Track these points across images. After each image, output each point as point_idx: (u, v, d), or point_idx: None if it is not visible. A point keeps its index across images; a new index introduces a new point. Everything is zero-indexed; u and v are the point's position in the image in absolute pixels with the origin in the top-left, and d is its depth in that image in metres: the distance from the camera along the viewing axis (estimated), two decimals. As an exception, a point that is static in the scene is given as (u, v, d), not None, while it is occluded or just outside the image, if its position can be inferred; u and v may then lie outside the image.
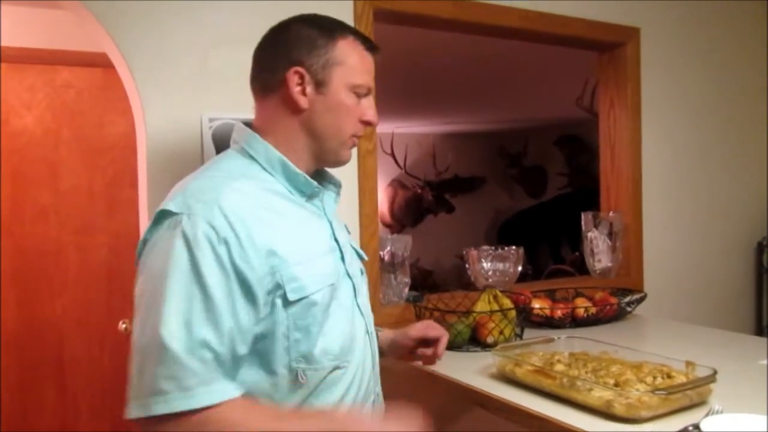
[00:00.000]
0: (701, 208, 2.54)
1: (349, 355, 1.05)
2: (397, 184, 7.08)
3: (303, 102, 1.04)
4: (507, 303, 1.68)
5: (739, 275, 2.68)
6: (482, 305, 1.69)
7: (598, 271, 2.28)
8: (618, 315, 1.93)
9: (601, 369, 1.28)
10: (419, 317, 1.70)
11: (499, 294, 1.71)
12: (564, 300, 2.01)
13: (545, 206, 6.63)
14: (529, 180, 7.20)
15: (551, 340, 1.50)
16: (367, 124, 1.11)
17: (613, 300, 1.94)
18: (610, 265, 2.27)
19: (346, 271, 1.10)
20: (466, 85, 4.21)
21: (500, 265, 2.02)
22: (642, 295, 2.01)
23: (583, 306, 1.87)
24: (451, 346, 1.62)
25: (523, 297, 1.83)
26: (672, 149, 2.45)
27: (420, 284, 6.31)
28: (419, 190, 6.86)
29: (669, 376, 1.20)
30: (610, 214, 2.31)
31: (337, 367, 1.02)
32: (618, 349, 1.41)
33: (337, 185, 1.17)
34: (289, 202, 1.04)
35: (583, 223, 2.29)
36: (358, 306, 1.11)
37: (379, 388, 1.18)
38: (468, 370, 1.45)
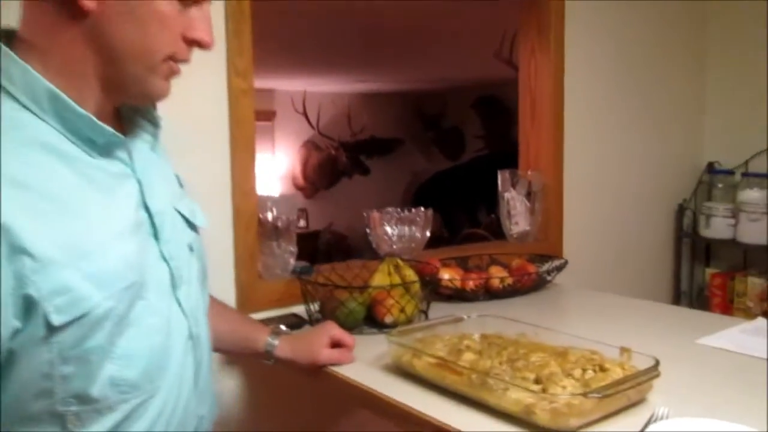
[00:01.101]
0: (624, 168, 2.36)
1: (158, 380, 0.75)
2: (310, 145, 6.73)
3: (89, 1, 0.68)
4: (410, 275, 1.41)
5: (660, 239, 2.54)
6: (380, 278, 1.41)
7: (515, 235, 2.05)
8: (537, 285, 1.71)
9: (519, 358, 1.03)
10: (306, 294, 1.40)
11: (402, 264, 1.43)
12: (477, 269, 1.76)
13: (462, 169, 6.47)
14: (447, 142, 7.03)
15: (460, 320, 1.24)
16: (195, 44, 0.77)
17: (532, 269, 1.72)
18: (528, 228, 2.05)
19: (161, 252, 0.78)
20: (379, 40, 3.89)
21: (406, 230, 1.75)
22: (562, 262, 1.79)
23: (498, 276, 1.63)
24: (343, 327, 1.34)
25: (430, 267, 1.57)
26: (596, 103, 2.23)
27: (334, 249, 6.05)
28: (333, 152, 6.56)
29: (602, 369, 0.96)
30: (529, 172, 2.08)
31: (134, 400, 0.71)
32: (538, 330, 1.16)
33: (154, 123, 0.84)
34: (62, 161, 0.70)
35: (499, 182, 2.05)
36: (179, 302, 0.80)
37: (206, 409, 0.88)
38: (358, 359, 1.16)
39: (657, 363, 0.93)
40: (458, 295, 1.59)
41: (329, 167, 6.56)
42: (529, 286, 1.68)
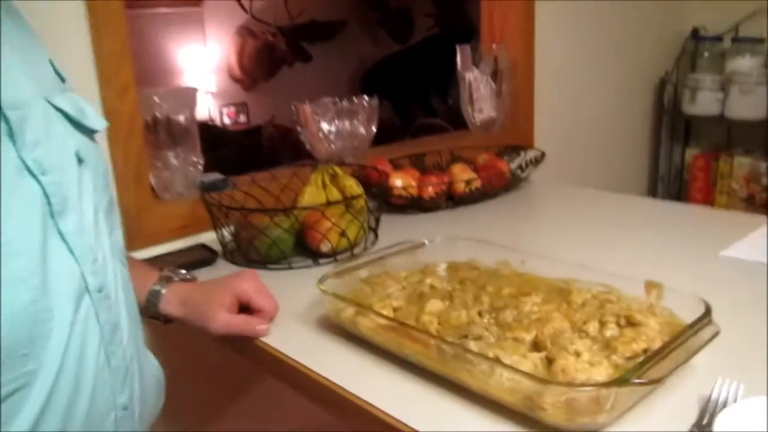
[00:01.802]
0: (600, 39, 2.00)
1: (33, 358, 0.54)
2: (245, 32, 6.07)
3: None
4: (351, 186, 1.07)
5: (637, 118, 2.25)
6: (312, 194, 1.07)
7: (479, 124, 1.71)
8: (509, 185, 1.40)
9: (506, 305, 0.73)
10: (215, 218, 1.05)
11: (340, 172, 1.09)
12: (437, 169, 1.44)
13: (412, 51, 5.98)
14: (394, 23, 6.49)
15: (420, 246, 0.92)
16: None
17: (503, 166, 1.40)
18: (493, 115, 1.71)
19: (22, 161, 0.54)
20: None
21: (347, 125, 1.39)
22: (538, 154, 1.48)
23: (463, 179, 1.30)
24: (266, 261, 1.02)
25: (378, 172, 1.23)
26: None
27: (280, 145, 5.62)
28: (270, 38, 5.95)
29: (629, 321, 0.66)
30: (494, 47, 1.71)
31: None
32: (525, 257, 0.86)
33: None
34: None
35: (459, 59, 1.67)
36: (62, 237, 0.57)
37: (128, 396, 0.64)
38: (284, 309, 0.84)
39: (708, 310, 0.64)
40: (415, 205, 1.27)
41: (267, 55, 5.95)
42: (501, 187, 1.37)
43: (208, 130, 4.83)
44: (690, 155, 2.32)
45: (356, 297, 0.78)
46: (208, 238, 1.12)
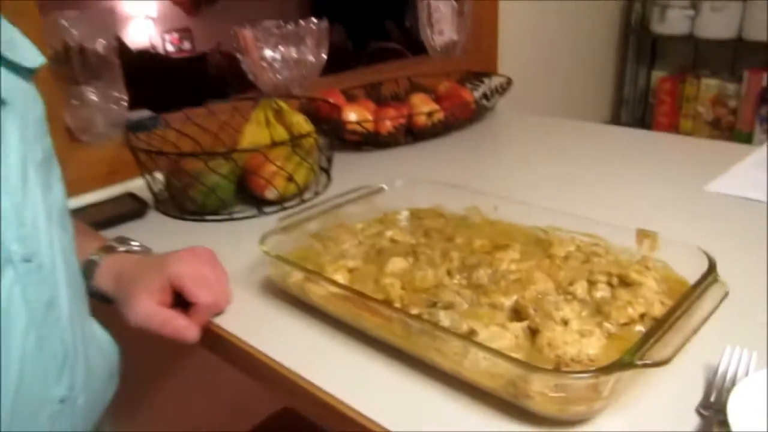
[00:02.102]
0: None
1: None
2: (184, -51, 5.64)
3: None
4: (299, 124, 0.94)
5: (603, 39, 2.13)
6: (253, 133, 0.93)
7: (439, 48, 1.57)
8: (474, 116, 1.29)
9: (479, 264, 0.63)
10: (142, 164, 0.91)
11: (285, 108, 0.96)
12: (395, 99, 1.31)
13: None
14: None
15: (378, 192, 0.81)
16: None
17: (467, 95, 1.28)
18: (455, 37, 1.57)
19: None
20: None
21: (293, 52, 1.24)
22: (504, 80, 1.36)
23: (424, 111, 1.18)
24: (203, 212, 0.89)
25: (328, 105, 1.10)
26: None
27: (229, 74, 5.33)
28: (213, -44, 5.53)
29: (622, 280, 0.57)
30: (454, -40, 1.56)
31: None
32: (498, 202, 0.75)
33: None
34: None
35: (416, -25, 1.52)
36: None
37: (67, 387, 0.54)
38: (225, 266, 0.73)
39: (713, 265, 0.55)
40: (372, 141, 1.15)
41: (210, -24, 5.57)
42: (465, 118, 1.26)
43: (148, 59, 4.53)
44: (656, 78, 2.23)
45: (306, 256, 0.68)
46: (140, 185, 0.98)
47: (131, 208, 0.91)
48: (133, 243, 0.71)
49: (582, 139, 1.20)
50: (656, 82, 2.21)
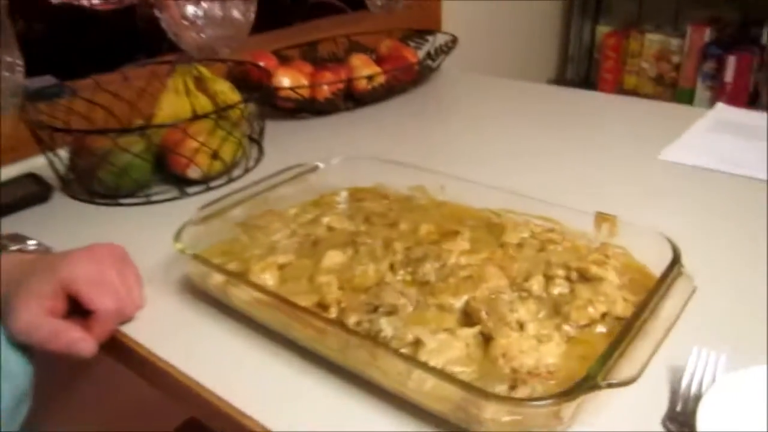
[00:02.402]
0: None
1: None
2: None
3: None
4: (223, 93, 0.84)
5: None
6: (172, 104, 0.83)
7: (379, 2, 1.47)
8: (417, 77, 1.21)
9: (426, 256, 0.56)
10: (41, 142, 0.80)
11: (207, 75, 0.86)
12: (332, 60, 1.21)
13: None
14: None
15: (313, 171, 0.73)
16: None
17: (410, 55, 1.19)
18: (396, -8, 1.47)
19: None
20: None
21: (218, 8, 1.12)
22: (449, 38, 1.27)
23: (364, 75, 1.09)
24: (115, 194, 0.79)
25: (259, 70, 1.00)
26: None
27: (159, 29, 5.04)
28: None
29: (581, 274, 0.52)
30: None
31: None
32: (445, 180, 0.69)
33: None
34: None
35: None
36: None
37: None
38: (137, 261, 0.64)
39: (677, 255, 0.50)
40: (308, 108, 1.06)
41: None
42: (408, 81, 1.18)
43: (68, 11, 4.22)
44: (600, 33, 2.19)
45: (230, 251, 0.60)
46: (44, 164, 0.87)
47: (32, 191, 0.80)
48: (29, 241, 0.62)
49: (530, 101, 1.14)
50: (601, 38, 2.17)
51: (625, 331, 0.42)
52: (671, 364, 0.47)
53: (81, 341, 0.50)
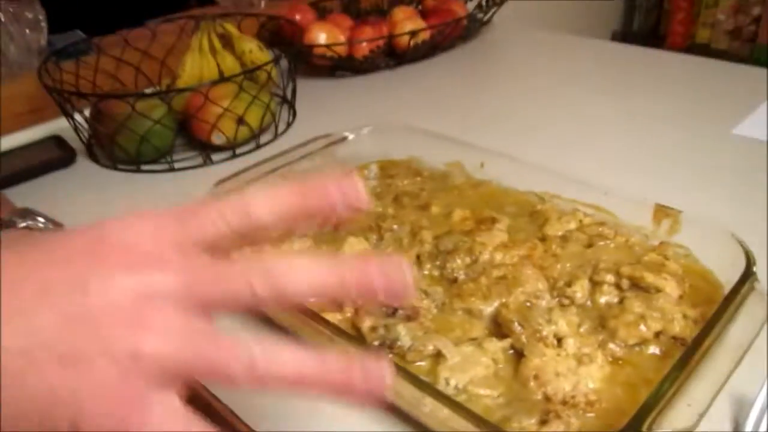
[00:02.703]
0: None
1: None
2: None
3: None
4: (251, 52, 0.79)
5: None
6: (196, 64, 0.78)
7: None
8: (466, 33, 1.12)
9: (457, 249, 0.50)
10: (60, 105, 0.76)
11: (234, 33, 0.80)
12: (374, 13, 1.13)
13: None
14: None
15: (341, 142, 0.67)
16: None
17: (458, 8, 1.10)
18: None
19: None
20: None
21: (254, -43, 1.05)
22: (502, -12, 1.17)
23: (407, 30, 1.01)
24: (138, 161, 0.76)
25: (292, 25, 0.93)
26: None
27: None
28: None
29: (636, 283, 0.45)
30: None
31: None
32: (485, 157, 0.62)
33: None
34: None
35: None
36: None
37: None
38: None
39: (751, 265, 0.43)
40: (345, 66, 0.99)
41: None
42: (456, 36, 1.09)
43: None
44: (673, -20, 2.01)
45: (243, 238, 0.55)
46: (65, 127, 0.84)
47: (55, 156, 0.78)
48: (39, 218, 0.58)
49: (590, 61, 1.04)
50: (673, -14, 2.00)
51: (681, 365, 0.36)
52: (736, 396, 0.40)
53: None
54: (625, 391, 0.39)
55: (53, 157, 0.77)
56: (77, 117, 0.76)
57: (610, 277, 0.45)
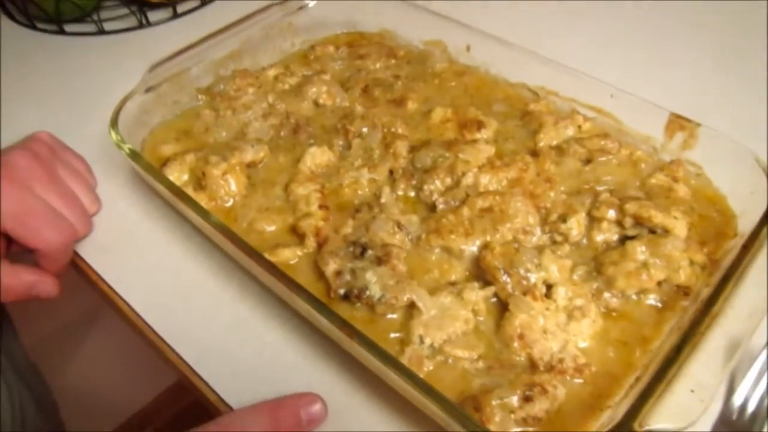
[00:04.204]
0: None
1: None
2: None
3: None
4: None
5: None
6: None
7: None
8: None
9: (436, 166, 0.43)
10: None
11: None
12: None
13: None
14: None
15: (301, 9, 0.56)
16: None
17: None
18: None
19: None
20: None
21: None
22: None
23: None
24: (59, 20, 0.64)
25: None
26: None
27: None
28: None
29: (640, 220, 0.39)
30: None
31: None
32: (472, 38, 0.52)
33: None
34: None
35: None
36: None
37: None
38: (82, 122, 0.52)
39: (777, 203, 0.37)
40: None
41: None
42: None
43: None
44: None
45: (189, 131, 0.47)
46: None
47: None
48: None
49: None
50: None
51: (692, 330, 0.31)
52: (731, 344, 0.37)
53: (39, 284, 0.41)
54: (618, 351, 0.35)
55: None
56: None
57: (611, 214, 0.39)
